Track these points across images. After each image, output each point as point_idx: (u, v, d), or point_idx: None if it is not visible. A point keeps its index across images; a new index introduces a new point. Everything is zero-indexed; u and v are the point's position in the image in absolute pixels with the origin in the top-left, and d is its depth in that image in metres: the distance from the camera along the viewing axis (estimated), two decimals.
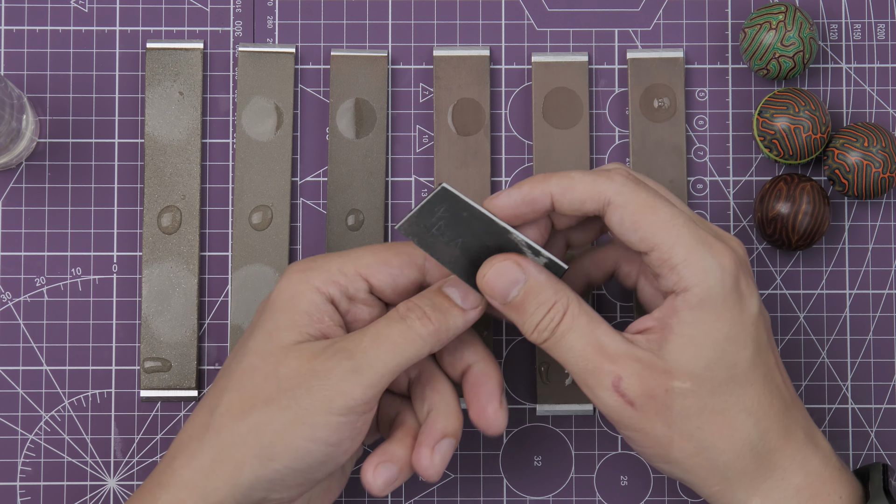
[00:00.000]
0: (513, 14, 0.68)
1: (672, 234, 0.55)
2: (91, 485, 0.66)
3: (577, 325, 0.56)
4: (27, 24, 0.67)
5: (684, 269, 0.55)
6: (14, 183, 0.67)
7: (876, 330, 0.67)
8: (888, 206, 0.67)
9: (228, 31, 0.68)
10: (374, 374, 0.55)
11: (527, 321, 0.57)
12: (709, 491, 0.57)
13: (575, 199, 0.56)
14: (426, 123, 0.68)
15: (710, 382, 0.55)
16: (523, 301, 0.56)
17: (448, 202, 0.57)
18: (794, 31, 0.64)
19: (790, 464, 0.56)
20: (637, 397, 0.55)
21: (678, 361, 0.55)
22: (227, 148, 0.67)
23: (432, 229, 0.57)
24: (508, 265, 0.56)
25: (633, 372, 0.55)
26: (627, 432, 0.56)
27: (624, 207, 0.56)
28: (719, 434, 0.56)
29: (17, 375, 0.66)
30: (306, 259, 0.58)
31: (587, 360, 0.56)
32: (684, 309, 0.55)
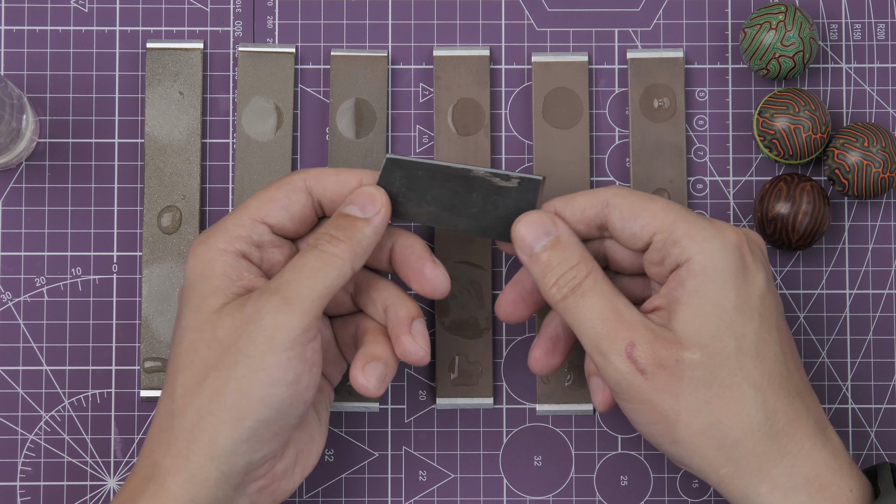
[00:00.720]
0: (513, 14, 0.68)
1: (671, 215, 0.57)
2: (91, 485, 0.66)
3: (599, 288, 0.57)
4: (27, 24, 0.67)
5: (686, 240, 0.56)
6: (14, 183, 0.67)
7: (876, 330, 0.67)
8: (888, 206, 0.67)
9: (228, 31, 0.68)
10: (303, 302, 0.56)
11: (548, 275, 0.57)
12: (716, 475, 0.56)
13: (576, 209, 0.59)
14: (426, 123, 0.68)
15: (719, 354, 0.55)
16: (550, 254, 0.57)
17: (400, 169, 0.59)
18: (794, 31, 0.64)
19: (799, 451, 0.56)
20: (648, 365, 0.55)
21: (687, 331, 0.56)
22: (227, 148, 0.67)
23: (399, 199, 0.60)
24: (543, 217, 0.58)
25: (646, 340, 0.55)
26: (634, 405, 0.56)
27: (622, 203, 0.58)
28: (727, 409, 0.55)
29: (17, 375, 0.66)
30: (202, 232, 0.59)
31: (605, 322, 0.56)
32: (688, 279, 0.56)
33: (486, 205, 0.59)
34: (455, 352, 0.66)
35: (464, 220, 0.60)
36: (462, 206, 0.60)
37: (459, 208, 0.60)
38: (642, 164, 0.67)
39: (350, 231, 0.58)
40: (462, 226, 0.60)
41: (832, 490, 0.56)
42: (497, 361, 0.67)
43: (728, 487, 0.56)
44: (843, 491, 0.56)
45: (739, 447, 0.55)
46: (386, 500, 0.66)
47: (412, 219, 0.60)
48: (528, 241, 0.58)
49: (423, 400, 0.67)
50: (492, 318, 0.66)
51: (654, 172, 0.67)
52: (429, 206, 0.60)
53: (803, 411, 0.57)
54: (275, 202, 0.59)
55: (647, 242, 0.58)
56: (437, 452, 0.66)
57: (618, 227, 0.58)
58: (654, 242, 0.57)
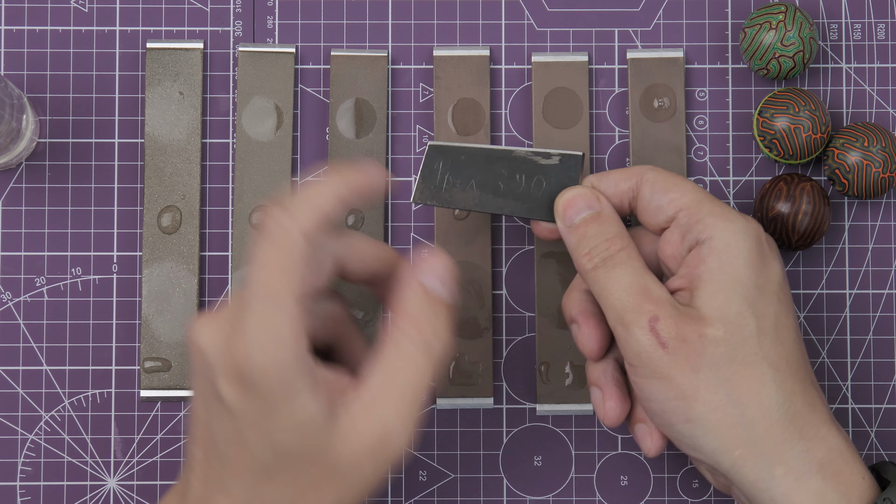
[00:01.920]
0: (513, 14, 0.68)
1: (699, 194, 0.58)
2: (91, 485, 0.66)
3: (630, 262, 0.57)
4: (27, 24, 0.67)
5: (710, 218, 0.57)
6: (14, 183, 0.67)
7: (876, 330, 0.67)
8: (888, 206, 0.67)
9: (228, 31, 0.68)
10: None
11: (583, 244, 0.58)
12: (730, 457, 0.56)
13: (611, 182, 0.59)
14: (426, 123, 0.68)
15: (741, 332, 0.56)
16: (587, 225, 0.58)
17: (442, 156, 0.60)
18: (794, 31, 0.64)
19: (814, 435, 0.56)
20: (670, 339, 0.55)
21: (710, 307, 0.56)
22: (227, 148, 0.67)
23: (443, 185, 0.60)
24: (587, 192, 0.59)
25: (669, 315, 0.56)
26: (652, 381, 0.56)
27: (656, 178, 0.59)
28: (747, 388, 0.55)
29: (17, 375, 0.66)
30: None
31: (632, 295, 0.56)
32: (710, 255, 0.56)
33: (531, 185, 0.60)
34: (455, 352, 0.66)
35: (509, 202, 0.60)
36: (507, 189, 0.60)
37: (504, 191, 0.60)
38: (642, 164, 0.67)
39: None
40: (508, 208, 0.60)
41: (845, 476, 0.56)
42: (497, 361, 0.67)
43: (742, 470, 0.56)
44: (855, 478, 0.56)
45: (756, 427, 0.55)
46: (386, 500, 0.66)
47: (458, 205, 0.60)
48: (570, 212, 0.59)
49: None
50: (491, 317, 0.66)
51: None
52: (474, 191, 0.60)
53: (817, 398, 0.57)
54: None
55: (671, 218, 0.58)
56: (437, 452, 0.66)
57: (647, 198, 0.58)
58: (678, 218, 0.58)
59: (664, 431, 0.58)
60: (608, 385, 0.60)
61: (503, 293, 0.67)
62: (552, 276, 0.66)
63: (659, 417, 0.57)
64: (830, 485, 0.55)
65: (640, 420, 0.60)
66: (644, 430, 0.60)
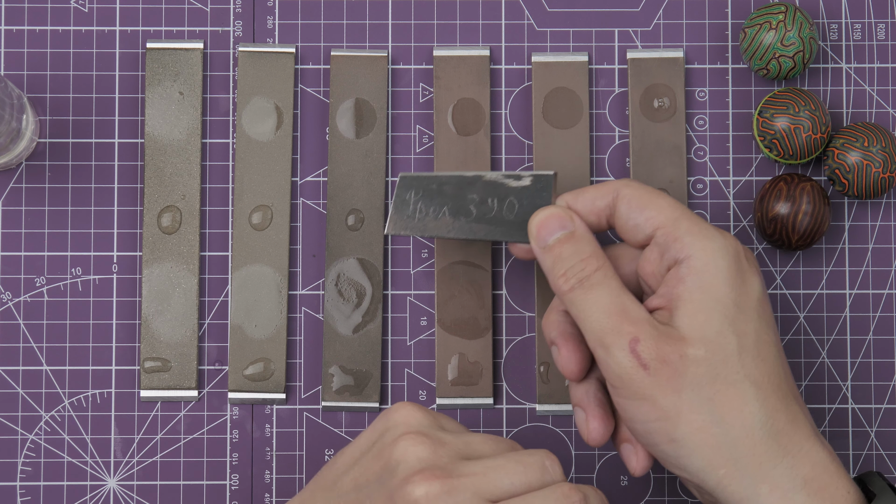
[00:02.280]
0: (513, 14, 0.68)
1: (676, 212, 0.58)
2: (91, 485, 0.66)
3: (607, 283, 0.57)
4: (27, 24, 0.67)
5: (688, 237, 0.57)
6: (14, 183, 0.67)
7: (876, 330, 0.67)
8: (888, 206, 0.67)
9: (228, 31, 0.68)
10: None
11: (558, 265, 0.58)
12: (715, 476, 0.56)
13: (587, 200, 0.59)
14: (426, 123, 0.68)
15: (722, 351, 0.55)
16: (562, 246, 0.58)
17: (413, 185, 0.61)
18: (794, 31, 0.64)
19: (798, 451, 0.56)
20: (651, 360, 0.55)
21: (691, 327, 0.56)
22: (227, 148, 0.67)
23: (416, 215, 0.61)
24: (559, 212, 0.59)
25: (650, 336, 0.55)
26: (635, 401, 0.56)
27: (631, 194, 0.58)
28: (729, 406, 0.55)
29: (17, 375, 0.66)
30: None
31: (610, 317, 0.56)
32: (689, 275, 0.56)
33: (503, 208, 0.60)
34: (455, 352, 0.66)
35: (483, 226, 0.60)
36: (479, 213, 0.60)
37: (477, 216, 0.60)
38: (642, 164, 0.67)
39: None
40: (482, 233, 0.60)
41: (830, 492, 0.55)
42: (497, 361, 0.67)
43: (727, 489, 0.56)
44: (840, 493, 0.56)
45: (740, 446, 0.55)
46: None
47: (432, 233, 0.61)
48: (543, 233, 0.59)
49: (423, 400, 0.67)
50: (491, 317, 0.66)
51: (654, 172, 0.67)
52: (446, 217, 0.61)
53: (800, 414, 0.57)
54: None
55: (649, 236, 0.58)
56: None
57: (623, 216, 0.58)
58: (655, 237, 0.58)
59: (649, 451, 0.58)
60: (591, 405, 0.60)
61: (503, 293, 0.67)
62: None
63: (643, 437, 0.57)
64: (815, 501, 0.55)
65: (625, 440, 0.60)
66: (629, 449, 0.60)
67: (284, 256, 0.66)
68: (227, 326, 0.67)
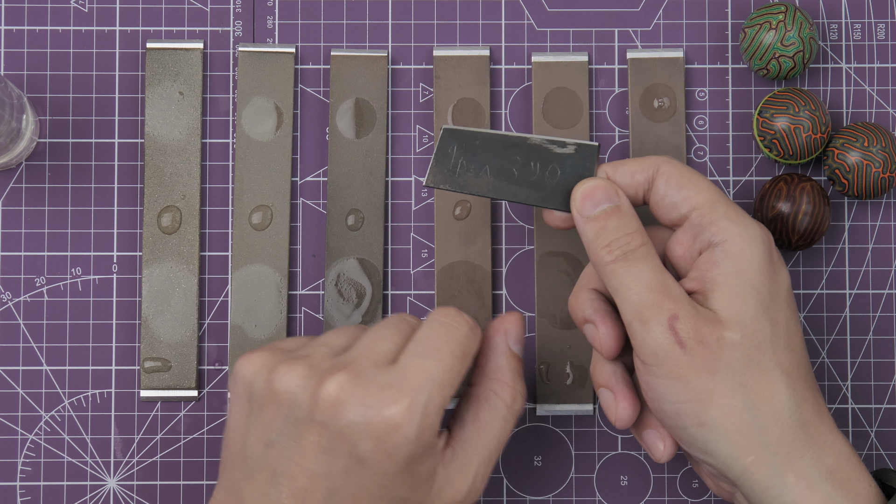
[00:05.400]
0: (513, 14, 0.68)
1: (714, 195, 0.58)
2: (91, 485, 0.66)
3: (651, 259, 0.57)
4: (27, 24, 0.67)
5: (725, 221, 0.57)
6: (14, 183, 0.67)
7: (876, 330, 0.67)
8: (888, 206, 0.67)
9: (228, 31, 0.68)
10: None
11: (602, 236, 0.57)
12: (742, 462, 0.55)
13: (626, 172, 0.59)
14: (426, 123, 0.68)
15: (757, 337, 0.55)
16: (607, 217, 0.57)
17: (457, 139, 0.60)
18: (794, 31, 0.64)
19: (824, 443, 0.56)
20: (689, 339, 0.55)
21: (728, 310, 0.56)
22: (227, 148, 0.67)
23: (456, 169, 0.60)
24: (607, 185, 0.58)
25: (689, 315, 0.55)
26: (668, 380, 0.56)
27: (672, 171, 0.58)
28: (760, 393, 0.55)
29: (17, 375, 0.66)
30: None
31: (651, 292, 0.56)
32: (724, 259, 0.56)
33: (545, 173, 0.59)
34: None
35: (523, 189, 0.60)
36: (521, 176, 0.60)
37: (518, 178, 0.60)
38: None
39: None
40: (521, 196, 0.60)
41: (853, 484, 0.56)
42: None
43: (753, 476, 0.55)
44: (863, 485, 0.56)
45: (770, 433, 0.55)
46: None
47: (471, 190, 0.60)
48: (587, 203, 0.58)
49: None
50: (492, 317, 0.66)
51: None
52: (488, 176, 0.60)
53: (823, 406, 0.57)
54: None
55: (684, 216, 0.58)
56: None
57: (661, 192, 0.58)
58: (691, 217, 0.58)
59: (674, 434, 0.57)
60: (619, 386, 0.59)
61: (503, 293, 0.67)
62: (552, 277, 0.66)
63: (670, 419, 0.57)
64: (840, 492, 0.55)
65: (649, 425, 0.60)
66: (655, 435, 0.59)
67: (284, 256, 0.66)
68: (227, 326, 0.67)
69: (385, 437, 0.53)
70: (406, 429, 0.54)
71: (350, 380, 0.54)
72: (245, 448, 0.56)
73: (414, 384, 0.54)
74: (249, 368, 0.56)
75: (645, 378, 0.56)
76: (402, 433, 0.54)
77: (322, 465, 0.54)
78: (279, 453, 0.54)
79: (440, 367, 0.55)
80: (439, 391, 0.54)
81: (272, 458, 0.55)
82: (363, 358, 0.55)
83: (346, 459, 0.54)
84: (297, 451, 0.54)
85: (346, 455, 0.54)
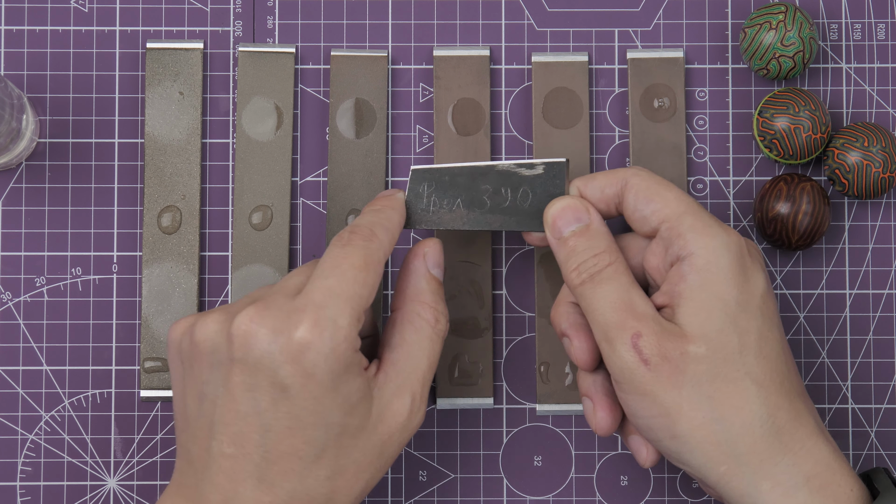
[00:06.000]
0: (513, 14, 0.68)
1: (682, 206, 0.58)
2: (91, 485, 0.66)
3: (617, 278, 0.57)
4: (27, 24, 0.67)
5: (691, 234, 0.57)
6: (14, 183, 0.67)
7: (876, 330, 0.67)
8: (888, 206, 0.67)
9: (228, 31, 0.68)
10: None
11: (571, 259, 0.58)
12: (716, 472, 0.56)
13: (596, 188, 0.59)
14: (426, 123, 0.68)
15: (723, 349, 0.56)
16: (577, 239, 0.58)
17: (426, 178, 0.61)
18: (794, 31, 0.64)
19: (800, 449, 0.56)
20: (652, 356, 0.55)
21: (692, 325, 0.56)
22: (227, 148, 0.67)
23: (430, 208, 0.61)
24: (577, 203, 0.59)
25: (652, 331, 0.56)
26: (636, 397, 0.56)
27: (639, 184, 0.59)
28: (729, 404, 0.55)
29: (17, 375, 0.66)
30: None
31: (616, 311, 0.56)
32: (691, 273, 0.56)
33: (517, 197, 0.60)
34: (455, 352, 0.66)
35: (497, 217, 0.60)
36: (493, 204, 0.60)
37: (491, 206, 0.60)
38: (642, 163, 0.67)
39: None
40: (497, 223, 0.60)
41: (832, 489, 0.56)
42: (497, 361, 0.67)
43: (728, 486, 0.56)
44: (843, 490, 0.56)
45: (740, 443, 0.55)
46: (386, 500, 0.66)
47: (447, 226, 0.61)
48: (559, 224, 0.59)
49: None
50: (491, 317, 0.66)
51: (655, 172, 0.67)
52: (461, 209, 0.61)
53: (804, 410, 0.57)
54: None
55: (655, 229, 0.58)
56: (437, 452, 0.66)
57: (630, 206, 0.59)
58: (660, 231, 0.58)
59: (653, 445, 0.58)
60: (598, 395, 0.60)
61: (503, 293, 0.67)
62: (552, 276, 0.66)
63: (646, 433, 0.57)
64: (817, 498, 0.55)
65: (633, 432, 0.60)
66: (638, 441, 0.60)
67: (284, 256, 0.66)
68: None
69: (300, 357, 0.54)
70: (319, 344, 0.54)
71: (258, 311, 0.55)
72: (185, 409, 0.57)
73: (318, 301, 0.55)
74: (176, 330, 0.58)
75: (619, 394, 0.57)
76: (317, 349, 0.54)
77: (250, 403, 0.55)
78: (212, 403, 0.56)
79: (342, 281, 0.55)
80: (347, 303, 0.55)
81: (207, 411, 0.56)
82: (274, 293, 0.56)
83: (270, 391, 0.54)
84: (226, 395, 0.55)
85: (269, 387, 0.54)
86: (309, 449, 0.55)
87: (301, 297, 0.55)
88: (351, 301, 0.55)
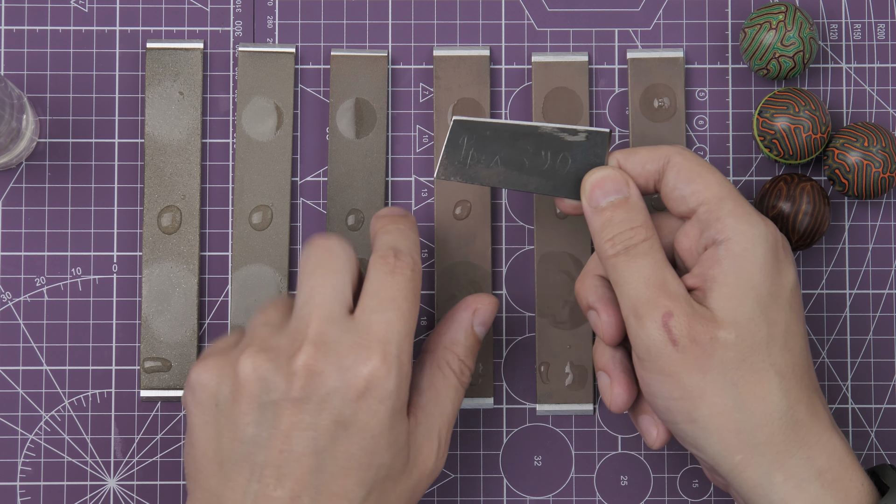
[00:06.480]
0: (513, 14, 0.68)
1: (723, 190, 0.57)
2: (91, 485, 0.66)
3: (652, 255, 0.57)
4: (27, 24, 0.67)
5: (730, 219, 0.56)
6: (14, 183, 0.67)
7: (876, 330, 0.67)
8: (888, 206, 0.67)
9: (228, 31, 0.68)
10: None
11: (607, 229, 0.57)
12: (731, 461, 0.56)
13: (637, 162, 0.59)
14: (426, 123, 0.68)
15: (752, 338, 0.55)
16: (614, 210, 0.57)
17: (468, 131, 0.60)
18: (794, 31, 0.64)
19: (815, 443, 0.56)
20: (681, 337, 0.55)
21: (724, 310, 0.56)
22: (227, 148, 0.67)
23: (467, 161, 0.60)
24: (617, 175, 0.58)
25: (684, 312, 0.55)
26: (659, 376, 0.56)
27: (682, 162, 0.58)
28: (752, 393, 0.55)
29: (17, 375, 0.66)
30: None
31: (649, 288, 0.56)
32: (726, 258, 0.56)
33: (556, 162, 0.59)
34: None
35: (534, 179, 0.60)
36: (532, 165, 0.60)
37: (529, 167, 0.60)
38: None
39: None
40: (532, 185, 0.60)
41: (844, 483, 0.56)
42: (497, 361, 0.67)
43: (742, 475, 0.56)
44: (854, 485, 0.56)
45: (759, 433, 0.55)
46: None
47: (482, 181, 0.60)
48: (597, 193, 0.58)
49: None
50: None
51: None
52: (498, 167, 0.60)
53: (820, 406, 0.57)
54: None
55: (692, 210, 0.58)
56: None
57: (670, 184, 0.58)
58: (698, 212, 0.57)
59: (668, 427, 0.58)
60: (616, 371, 0.60)
61: (503, 293, 0.67)
62: (552, 276, 0.66)
63: (663, 414, 0.57)
64: (829, 492, 0.55)
65: (645, 412, 0.60)
66: (649, 421, 0.60)
67: (284, 256, 0.66)
68: (227, 326, 0.67)
69: (367, 394, 0.54)
70: (386, 381, 0.54)
71: (317, 348, 0.54)
72: (219, 453, 0.55)
73: (381, 337, 0.55)
74: (210, 374, 0.56)
75: (640, 372, 0.57)
76: (384, 386, 0.54)
77: (307, 442, 0.54)
78: (257, 444, 0.54)
79: (401, 317, 0.56)
80: (406, 339, 0.55)
81: (250, 453, 0.54)
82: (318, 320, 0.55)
83: (332, 429, 0.54)
84: (278, 435, 0.54)
85: (331, 424, 0.54)
86: (359, 491, 0.54)
87: (360, 331, 0.55)
88: (409, 337, 0.56)
